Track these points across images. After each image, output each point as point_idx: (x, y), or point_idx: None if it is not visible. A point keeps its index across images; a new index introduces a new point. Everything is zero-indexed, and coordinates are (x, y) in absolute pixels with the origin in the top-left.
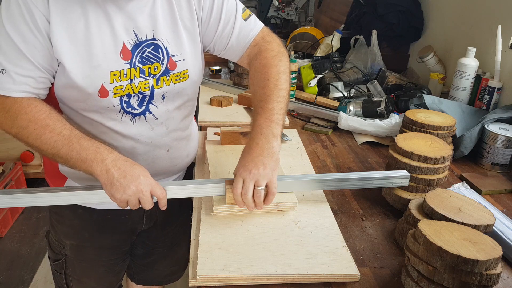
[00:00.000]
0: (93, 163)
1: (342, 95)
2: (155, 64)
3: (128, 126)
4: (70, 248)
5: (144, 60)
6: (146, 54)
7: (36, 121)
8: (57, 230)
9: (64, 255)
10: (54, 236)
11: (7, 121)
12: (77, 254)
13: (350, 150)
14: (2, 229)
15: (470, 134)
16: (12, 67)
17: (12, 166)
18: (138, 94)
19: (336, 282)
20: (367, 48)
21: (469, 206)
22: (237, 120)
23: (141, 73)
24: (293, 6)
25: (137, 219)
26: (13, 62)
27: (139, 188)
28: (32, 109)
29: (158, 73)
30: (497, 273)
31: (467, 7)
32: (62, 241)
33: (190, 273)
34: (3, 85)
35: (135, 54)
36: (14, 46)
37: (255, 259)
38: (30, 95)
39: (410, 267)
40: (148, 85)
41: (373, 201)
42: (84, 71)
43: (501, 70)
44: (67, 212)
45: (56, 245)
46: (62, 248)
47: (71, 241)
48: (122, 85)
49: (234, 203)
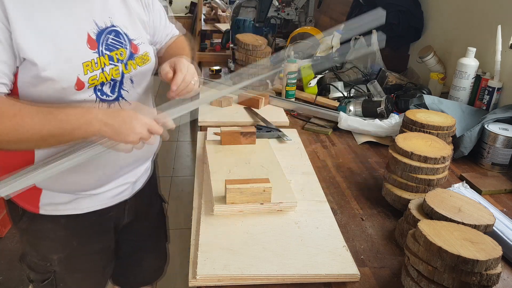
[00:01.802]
0: (88, 125)
1: (342, 95)
2: (120, 50)
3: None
4: (58, 262)
5: (110, 47)
6: (110, 41)
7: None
8: (38, 249)
9: (53, 272)
10: (35, 257)
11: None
12: (67, 266)
13: (350, 150)
14: (2, 229)
15: (470, 134)
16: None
17: None
18: (110, 81)
19: (336, 282)
20: (367, 48)
21: (469, 206)
22: (237, 120)
23: (110, 60)
24: (293, 6)
25: (120, 214)
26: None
27: (143, 121)
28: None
29: (125, 58)
30: (497, 273)
31: (467, 7)
32: (47, 258)
33: (190, 273)
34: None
35: (100, 42)
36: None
37: (255, 259)
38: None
39: (410, 267)
40: (118, 71)
41: (373, 201)
42: (58, 66)
43: (501, 70)
44: (49, 225)
45: (40, 264)
46: (49, 265)
47: (59, 255)
48: (96, 74)
49: (234, 203)
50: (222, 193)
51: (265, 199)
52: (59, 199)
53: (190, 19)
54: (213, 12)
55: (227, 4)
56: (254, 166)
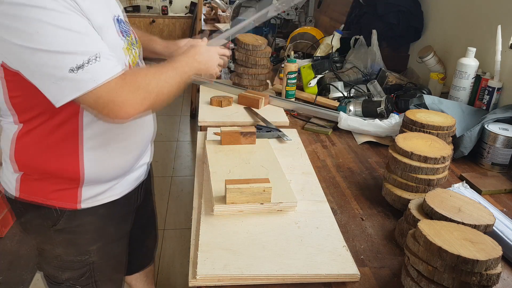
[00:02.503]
0: (191, 67)
1: (342, 95)
2: (131, 36)
3: None
4: (97, 252)
5: (125, 34)
6: (123, 28)
7: (156, 74)
8: (77, 244)
9: (91, 264)
10: (71, 255)
11: (142, 93)
12: (104, 254)
13: (350, 150)
14: (2, 229)
15: (470, 134)
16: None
17: None
18: (136, 64)
19: (336, 282)
20: (367, 48)
21: (469, 206)
22: (237, 120)
23: (132, 45)
24: (293, 6)
25: (138, 195)
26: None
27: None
28: (142, 70)
29: (135, 43)
30: (497, 273)
31: (467, 7)
32: (85, 251)
33: (190, 273)
34: (108, 65)
35: (120, 31)
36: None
37: (255, 259)
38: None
39: (410, 267)
40: (137, 53)
41: (373, 201)
42: (116, 53)
43: (501, 70)
44: (88, 218)
45: (77, 260)
46: (87, 258)
47: (97, 244)
48: (131, 58)
49: (234, 203)
50: (222, 193)
51: (265, 199)
52: (97, 190)
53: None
54: (213, 12)
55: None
56: (254, 166)
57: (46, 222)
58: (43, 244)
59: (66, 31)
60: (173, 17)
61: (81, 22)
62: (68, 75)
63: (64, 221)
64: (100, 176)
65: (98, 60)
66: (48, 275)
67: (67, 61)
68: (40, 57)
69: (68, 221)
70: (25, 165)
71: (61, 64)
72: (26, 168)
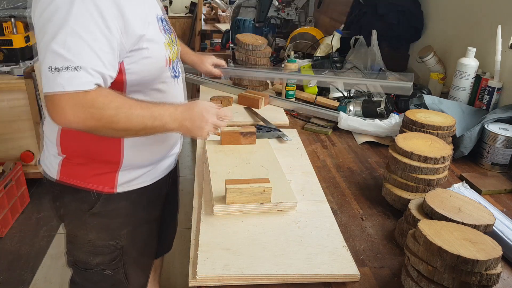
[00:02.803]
0: (170, 124)
1: (342, 95)
2: (172, 34)
3: (175, 88)
4: (126, 236)
5: (167, 31)
6: (165, 26)
7: (122, 106)
8: (110, 228)
9: (120, 248)
10: (103, 239)
11: (94, 116)
12: (133, 238)
13: (350, 150)
14: (2, 229)
15: (470, 134)
16: (86, 64)
17: (12, 166)
18: (174, 61)
19: (336, 282)
20: (367, 48)
21: (469, 206)
22: (237, 120)
23: (172, 42)
24: (293, 6)
25: (166, 184)
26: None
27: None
28: (114, 97)
29: (174, 41)
30: (497, 273)
31: (467, 7)
32: (117, 235)
33: (190, 273)
34: (82, 81)
35: (162, 28)
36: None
37: (255, 259)
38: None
39: (410, 267)
40: (176, 51)
41: (373, 201)
42: (156, 47)
43: (501, 70)
44: (122, 203)
45: (108, 245)
46: (117, 242)
47: (128, 229)
48: (171, 53)
49: (234, 203)
50: (222, 193)
51: (265, 199)
52: (133, 175)
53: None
54: (213, 12)
55: (227, 4)
56: (254, 166)
57: (83, 205)
58: (76, 229)
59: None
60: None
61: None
62: (46, 71)
63: (100, 205)
64: (137, 162)
65: (77, 70)
66: (78, 261)
67: (49, 59)
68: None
69: (104, 205)
70: (68, 148)
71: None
72: (68, 151)
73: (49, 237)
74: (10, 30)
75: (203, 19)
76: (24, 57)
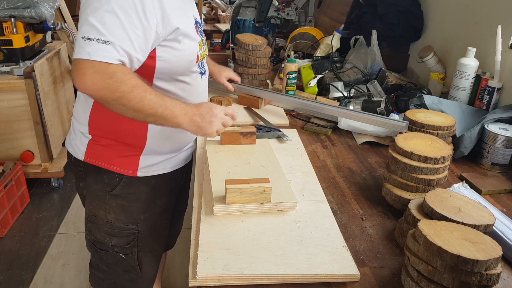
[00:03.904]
0: (181, 117)
1: (342, 95)
2: (203, 37)
3: (199, 83)
4: (143, 222)
5: (200, 33)
6: (199, 29)
7: (138, 86)
8: (129, 211)
9: (137, 233)
10: (122, 221)
11: (110, 86)
12: (149, 224)
13: (350, 150)
14: (2, 229)
15: (470, 134)
16: (116, 41)
17: (12, 166)
18: (202, 60)
19: (336, 282)
20: (367, 48)
21: (469, 206)
22: (237, 120)
23: (203, 44)
24: (293, 6)
25: (181, 176)
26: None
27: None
28: (133, 76)
29: (204, 43)
30: (497, 273)
31: (467, 7)
32: (135, 220)
33: (190, 273)
34: (108, 54)
35: (197, 30)
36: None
37: (255, 259)
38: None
39: (410, 267)
40: (204, 52)
41: (373, 201)
42: (191, 44)
43: (501, 70)
44: (142, 187)
45: (126, 228)
46: (134, 227)
47: (145, 215)
48: (201, 52)
49: (234, 203)
50: (222, 193)
51: (265, 199)
52: (154, 160)
53: None
54: (213, 12)
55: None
56: (254, 166)
57: (105, 186)
58: (97, 209)
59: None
60: None
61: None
62: (80, 39)
63: (121, 187)
64: (159, 147)
65: (106, 44)
66: (96, 241)
67: (85, 29)
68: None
69: (125, 187)
70: (97, 128)
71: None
72: (96, 132)
73: (49, 237)
74: (10, 30)
75: (203, 19)
76: (24, 57)
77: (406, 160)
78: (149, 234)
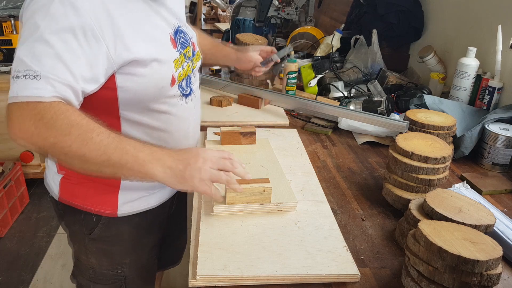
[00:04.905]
0: (150, 164)
1: (342, 95)
2: (187, 48)
3: (183, 108)
4: (130, 266)
5: (183, 46)
6: (182, 40)
7: (79, 125)
8: (112, 256)
9: (123, 279)
10: (105, 267)
11: (40, 130)
12: (136, 267)
13: (350, 150)
14: (2, 229)
15: (471, 134)
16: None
17: (11, 166)
18: (186, 77)
19: (336, 282)
20: (367, 48)
21: (469, 206)
22: (237, 120)
23: (185, 58)
24: (293, 6)
25: (171, 205)
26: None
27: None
28: (72, 113)
29: (190, 55)
30: (497, 273)
31: (467, 7)
32: (119, 264)
33: (190, 273)
34: (38, 90)
35: (177, 42)
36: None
37: (255, 259)
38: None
39: (410, 267)
40: (190, 67)
41: (373, 201)
42: (161, 66)
43: (502, 70)
44: (124, 227)
45: (109, 274)
46: (120, 272)
47: (131, 258)
48: (180, 71)
49: (234, 203)
50: (222, 193)
51: (265, 199)
52: (135, 195)
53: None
54: (213, 12)
55: (227, 3)
56: (254, 166)
57: (82, 229)
58: (79, 253)
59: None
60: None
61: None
62: (10, 80)
63: (100, 229)
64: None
65: (37, 79)
66: (80, 286)
67: (14, 66)
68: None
69: (104, 229)
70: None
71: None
72: (66, 170)
73: (49, 237)
74: (10, 30)
75: (203, 19)
76: None
77: (406, 160)
78: (139, 277)
